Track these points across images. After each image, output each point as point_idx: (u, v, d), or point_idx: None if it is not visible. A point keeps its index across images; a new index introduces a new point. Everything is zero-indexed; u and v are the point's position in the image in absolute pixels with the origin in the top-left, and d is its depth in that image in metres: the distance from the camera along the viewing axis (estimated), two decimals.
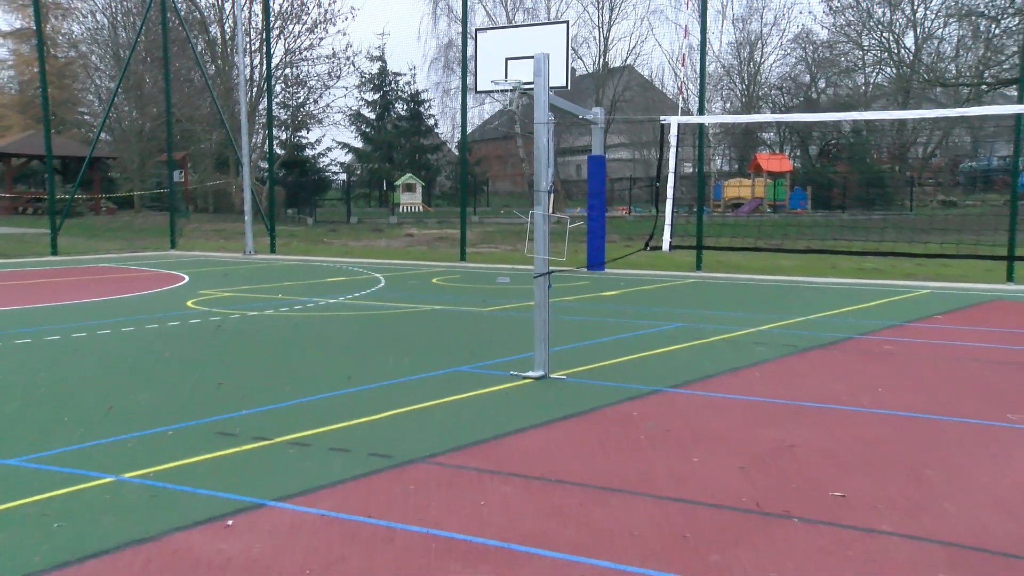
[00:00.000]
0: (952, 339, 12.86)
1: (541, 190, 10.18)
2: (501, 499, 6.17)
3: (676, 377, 10.09)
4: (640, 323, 14.07)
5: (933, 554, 5.30)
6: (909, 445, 7.55)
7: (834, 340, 12.64)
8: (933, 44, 47.68)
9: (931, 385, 9.84)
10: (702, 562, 5.15)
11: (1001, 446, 7.53)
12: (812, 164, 51.56)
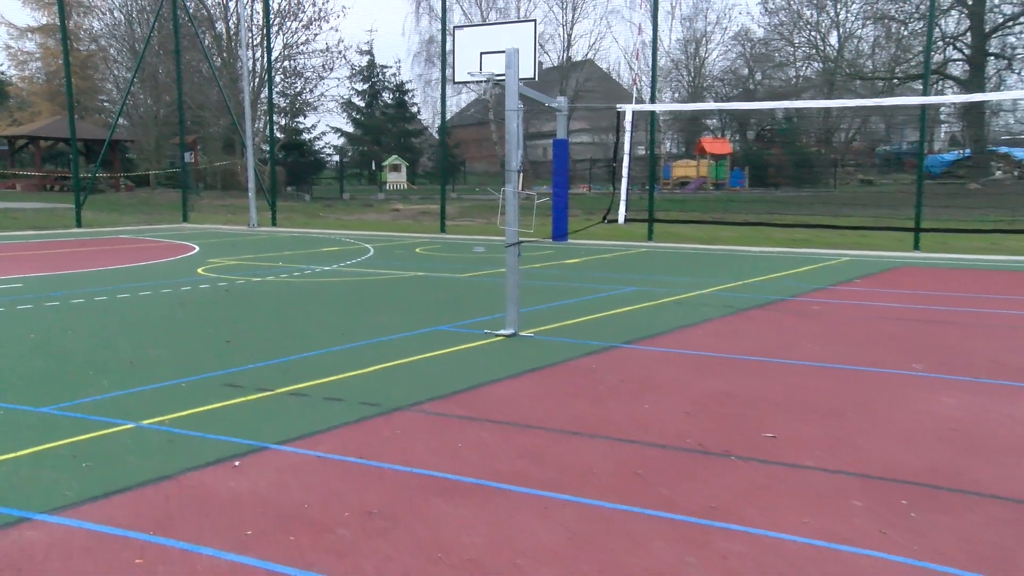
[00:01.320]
0: (869, 300, 12.96)
1: (512, 170, 10.18)
2: (478, 442, 6.20)
3: (630, 334, 10.14)
4: (599, 287, 14.11)
5: (849, 484, 5.38)
6: (832, 391, 7.63)
7: (768, 301, 12.72)
8: (853, 43, 47.92)
9: (851, 339, 9.93)
10: (653, 495, 5.21)
11: (909, 391, 7.62)
12: (750, 147, 51.64)
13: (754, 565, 4.30)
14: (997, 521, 4.87)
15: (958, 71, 42.61)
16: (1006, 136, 46.54)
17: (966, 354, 9.18)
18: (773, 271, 16.45)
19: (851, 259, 18.74)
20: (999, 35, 41.68)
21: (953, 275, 16.21)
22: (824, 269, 16.95)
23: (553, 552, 4.43)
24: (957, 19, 41.56)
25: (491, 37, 14.58)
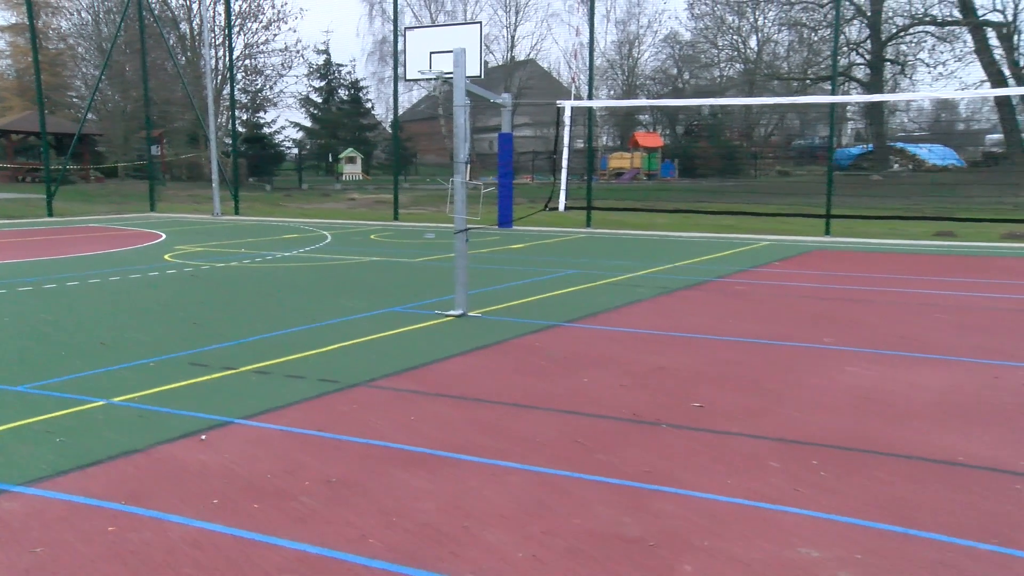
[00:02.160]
0: (787, 280, 13.13)
1: (460, 161, 10.15)
2: (431, 414, 6.20)
3: (571, 313, 10.18)
4: (542, 270, 14.14)
5: (769, 447, 5.47)
6: (754, 364, 7.72)
7: (697, 282, 12.84)
8: (771, 46, 48.49)
9: (771, 316, 10.06)
10: (593, 461, 5.25)
11: (822, 363, 7.74)
12: (679, 141, 51.95)
13: (683, 523, 4.36)
14: (898, 476, 4.98)
15: (861, 74, 43.38)
16: (902, 133, 47.52)
17: (873, 328, 9.34)
18: (701, 254, 16.60)
19: (770, 243, 18.96)
20: (893, 43, 42.62)
21: (859, 257, 16.47)
22: (747, 252, 17.14)
23: (501, 515, 4.45)
24: (859, 28, 42.39)
25: (440, 38, 14.51)
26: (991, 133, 46.24)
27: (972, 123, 49.43)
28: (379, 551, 4.05)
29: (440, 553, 4.03)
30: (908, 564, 3.94)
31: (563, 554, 4.03)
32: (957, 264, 15.26)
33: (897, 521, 4.40)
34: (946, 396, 6.68)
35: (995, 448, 5.50)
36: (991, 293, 11.81)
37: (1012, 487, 4.90)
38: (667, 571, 3.87)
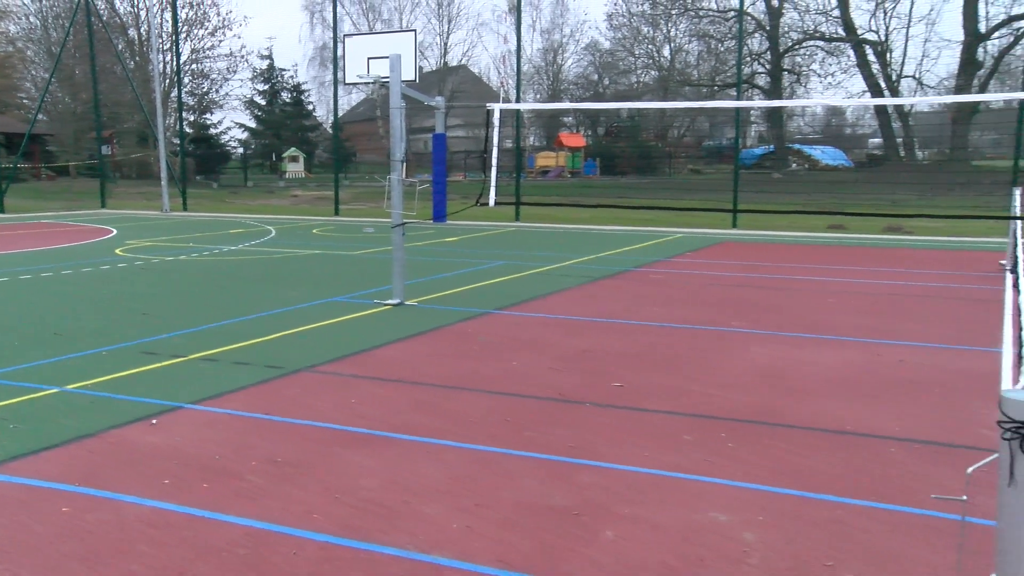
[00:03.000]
0: (699, 269, 13.31)
1: (396, 160, 10.10)
2: (372, 397, 6.16)
3: (501, 301, 10.19)
4: (474, 261, 14.13)
5: (682, 423, 5.55)
6: (670, 346, 7.82)
7: (618, 271, 12.95)
8: (682, 55, 49.02)
9: (685, 302, 10.19)
10: (522, 438, 5.26)
11: (731, 345, 7.87)
12: (600, 141, 52.24)
13: (606, 493, 4.40)
14: (796, 445, 5.09)
15: (762, 82, 44.23)
16: (799, 136, 48.67)
17: (775, 313, 9.52)
18: (621, 246, 16.74)
19: (684, 235, 19.20)
20: (790, 55, 43.68)
21: (763, 248, 16.77)
22: (663, 244, 17.33)
23: (438, 490, 4.44)
24: (760, 41, 43.28)
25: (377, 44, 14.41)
26: (873, 137, 47.57)
27: (857, 128, 50.80)
28: (324, 525, 4.01)
29: (381, 526, 4.01)
30: (803, 523, 4.04)
31: (495, 524, 4.04)
32: (847, 254, 15.63)
33: (794, 485, 4.50)
34: (838, 372, 6.85)
35: (875, 416, 5.66)
36: (874, 280, 12.12)
37: (887, 450, 5.05)
38: (591, 537, 3.90)
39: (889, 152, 42.89)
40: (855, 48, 41.51)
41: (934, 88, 41.09)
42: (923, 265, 13.75)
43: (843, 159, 46.25)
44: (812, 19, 42.39)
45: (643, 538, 3.89)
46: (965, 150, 39.01)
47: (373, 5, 57.50)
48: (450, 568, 3.61)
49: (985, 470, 2.10)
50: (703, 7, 44.14)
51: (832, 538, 3.91)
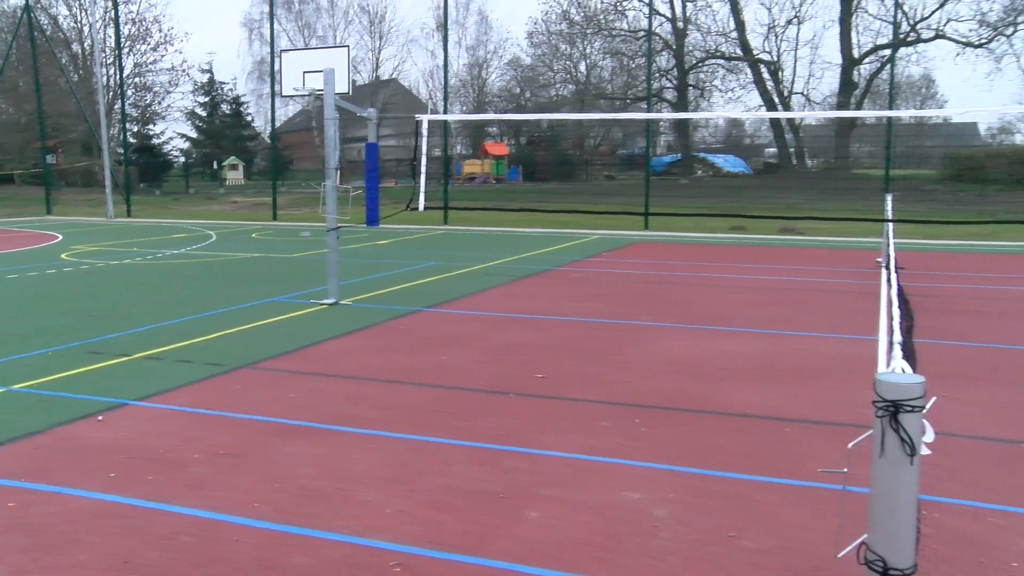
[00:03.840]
0: (615, 268, 13.46)
1: (331, 167, 10.00)
2: (310, 391, 6.09)
3: (432, 299, 10.16)
4: (405, 263, 14.06)
5: (599, 410, 5.61)
6: (588, 339, 7.89)
7: (540, 270, 13.01)
8: (597, 71, 49.47)
9: (604, 298, 10.29)
10: (452, 426, 5.27)
11: (645, 337, 7.98)
12: (523, 149, 52.37)
13: (530, 476, 4.43)
14: (703, 428, 5.20)
15: (670, 96, 44.99)
16: (703, 145, 49.72)
17: (685, 306, 9.68)
18: (543, 247, 16.82)
19: (600, 236, 19.37)
20: (694, 72, 44.58)
21: (673, 248, 17.02)
22: (581, 245, 17.47)
23: (373, 477, 4.42)
24: (667, 58, 44.03)
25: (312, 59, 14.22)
26: (769, 147, 48.84)
27: (755, 138, 52.08)
28: (265, 513, 3.96)
29: (319, 512, 3.97)
30: (709, 498, 4.13)
31: (427, 507, 4.03)
32: (747, 252, 15.97)
33: (701, 464, 4.59)
34: (741, 361, 7.00)
35: (773, 400, 5.81)
36: (771, 276, 12.42)
37: (783, 430, 5.20)
38: (516, 517, 3.92)
39: (783, 161, 44.13)
40: (751, 67, 42.66)
41: (820, 104, 42.43)
42: (813, 262, 14.13)
43: (743, 167, 47.25)
44: (713, 40, 43.50)
45: (564, 517, 3.93)
46: (847, 160, 40.36)
47: (308, 23, 56.59)
48: (385, 549, 3.60)
49: (863, 444, 2.18)
50: (616, 27, 44.73)
51: (734, 511, 4.00)
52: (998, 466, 4.61)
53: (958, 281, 11.75)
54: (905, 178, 31.91)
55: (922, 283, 11.25)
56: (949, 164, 34.04)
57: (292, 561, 3.49)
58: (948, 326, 8.46)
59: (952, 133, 48.12)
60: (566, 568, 3.44)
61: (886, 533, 2.10)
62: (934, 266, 13.37)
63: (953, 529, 3.80)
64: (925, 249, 15.94)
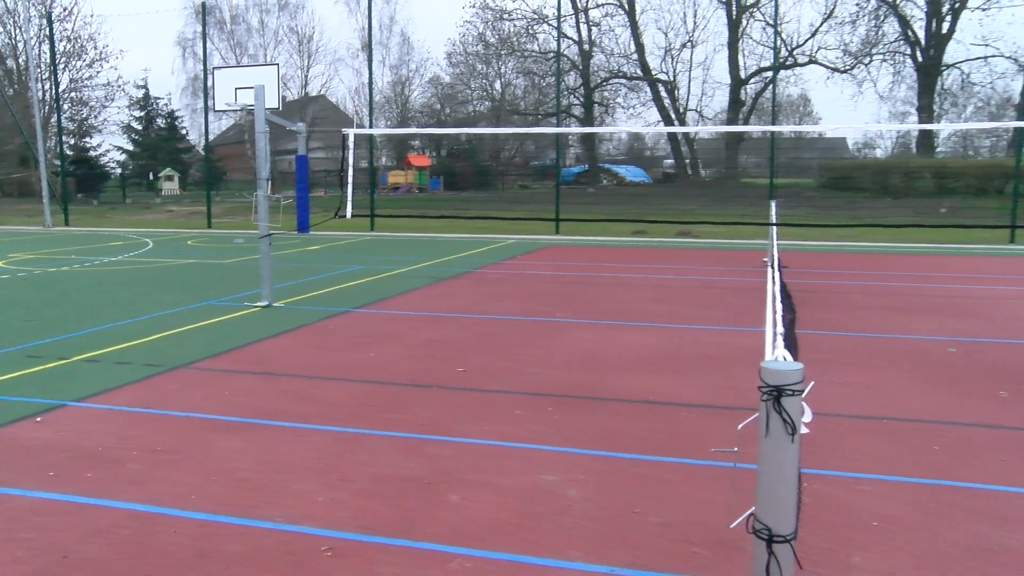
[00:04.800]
0: (529, 269, 13.53)
1: (262, 178, 9.78)
2: (244, 388, 5.95)
3: (360, 300, 10.04)
4: (334, 267, 13.85)
5: (516, 400, 5.63)
6: (505, 335, 7.91)
7: (461, 272, 12.98)
8: (511, 88, 49.70)
9: (519, 297, 10.33)
10: (379, 419, 5.21)
11: (557, 332, 8.04)
12: (443, 161, 52.18)
13: (453, 463, 4.41)
14: (610, 414, 5.27)
15: (578, 112, 45.54)
16: (608, 157, 50.58)
17: (593, 304, 9.79)
18: (463, 251, 16.78)
19: (516, 241, 19.43)
20: (599, 90, 45.27)
21: (581, 251, 17.20)
22: (498, 249, 17.49)
23: (305, 468, 4.34)
24: (575, 77, 44.56)
25: (243, 76, 13.93)
26: (667, 159, 49.92)
27: (655, 151, 53.21)
28: (202, 505, 3.85)
29: (255, 503, 3.88)
30: (616, 478, 4.19)
31: (356, 495, 3.98)
32: (648, 254, 16.25)
33: (609, 447, 4.66)
34: (643, 353, 7.12)
35: (672, 387, 5.93)
36: (670, 275, 12.67)
37: (681, 414, 5.31)
38: (440, 501, 3.91)
39: (679, 171, 45.21)
40: (650, 86, 43.57)
41: (711, 120, 43.64)
42: (707, 262, 14.47)
43: (644, 176, 48.12)
44: (616, 61, 44.30)
45: (485, 500, 3.93)
46: (736, 170, 41.57)
47: (240, 42, 55.20)
48: (319, 536, 3.54)
49: (751, 426, 2.24)
50: (528, 49, 45.09)
51: (639, 489, 4.07)
52: (867, 440, 4.81)
53: (833, 278, 12.20)
54: (786, 186, 33.00)
55: (803, 280, 11.64)
56: (824, 174, 35.35)
57: (228, 549, 3.40)
58: (825, 318, 8.78)
59: (826, 147, 50.03)
60: (487, 547, 3.45)
61: (771, 504, 2.16)
62: (813, 264, 13.86)
63: (828, 497, 3.95)
64: (805, 249, 16.50)
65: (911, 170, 31.68)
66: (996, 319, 8.75)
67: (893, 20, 37.84)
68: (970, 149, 43.03)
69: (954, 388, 5.97)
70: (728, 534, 3.48)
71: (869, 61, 38.29)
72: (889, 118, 40.51)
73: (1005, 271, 13.09)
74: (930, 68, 37.59)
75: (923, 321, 8.64)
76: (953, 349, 7.25)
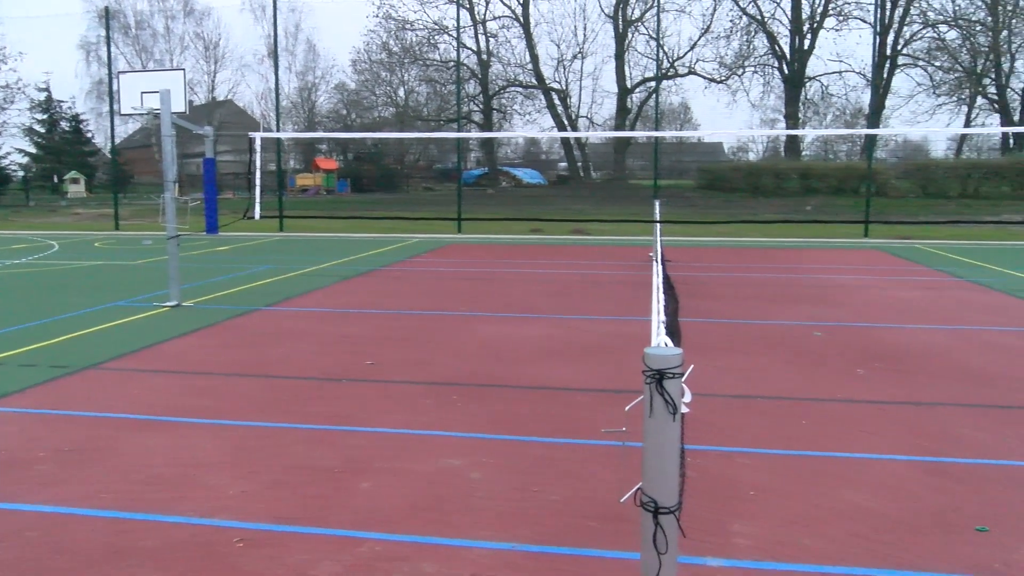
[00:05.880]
0: (433, 267, 13.46)
1: (169, 180, 9.39)
2: (154, 387, 5.71)
3: (269, 299, 9.77)
4: (243, 267, 13.42)
5: (422, 390, 5.61)
6: (410, 329, 7.86)
7: (367, 270, 12.80)
8: (414, 95, 49.30)
9: (423, 293, 10.27)
10: (290, 412, 5.10)
11: (459, 325, 8.04)
12: (351, 164, 51.28)
13: (362, 452, 4.36)
14: (511, 400, 5.32)
15: (478, 118, 45.65)
16: (506, 160, 50.93)
17: (493, 298, 9.84)
18: (370, 250, 16.55)
19: (420, 240, 19.29)
20: (497, 97, 45.48)
21: (482, 248, 17.23)
22: (403, 247, 17.32)
23: (217, 462, 4.21)
24: (474, 85, 44.64)
25: (150, 80, 13.29)
26: (561, 162, 50.65)
27: (549, 154, 53.90)
28: (114, 502, 3.68)
29: (167, 497, 3.74)
30: (518, 460, 4.23)
31: (268, 486, 3.89)
32: (545, 251, 16.43)
33: (510, 431, 4.70)
34: (541, 343, 7.21)
35: (567, 374, 6.04)
36: (566, 270, 12.86)
37: (576, 398, 5.41)
38: (351, 489, 3.86)
39: (573, 173, 45.94)
40: (545, 94, 44.11)
41: (601, 126, 44.57)
42: (598, 258, 14.75)
43: (540, 178, 48.63)
44: (512, 71, 44.68)
45: (394, 486, 3.91)
46: (624, 172, 42.58)
47: (146, 47, 52.68)
48: (231, 528, 3.44)
49: (637, 407, 2.31)
50: (429, 58, 44.84)
51: (539, 469, 4.13)
52: (743, 417, 5.02)
53: (712, 270, 12.65)
54: (670, 187, 33.98)
55: (685, 273, 12.02)
56: (702, 176, 36.56)
57: (141, 545, 3.26)
58: (705, 307, 9.10)
59: (704, 151, 51.82)
60: (396, 530, 3.43)
61: (656, 479, 2.24)
62: (694, 259, 14.33)
63: (709, 470, 4.10)
64: (686, 245, 17.04)
65: (780, 172, 33.15)
66: (853, 305, 9.28)
67: (762, 36, 39.51)
68: (830, 153, 45.42)
69: (818, 368, 6.30)
70: (619, 508, 3.57)
71: (742, 73, 39.87)
72: (760, 124, 42.29)
73: (861, 262, 13.88)
74: (795, 80, 39.42)
75: (791, 308, 9.07)
76: (818, 333, 7.64)
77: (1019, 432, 4.74)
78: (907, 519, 3.54)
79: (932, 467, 4.17)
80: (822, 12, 38.68)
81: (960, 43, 37.94)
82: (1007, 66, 38.61)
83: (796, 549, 3.27)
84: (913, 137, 47.26)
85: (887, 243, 17.53)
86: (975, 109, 40.37)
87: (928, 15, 37.68)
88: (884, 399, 5.42)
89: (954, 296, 9.98)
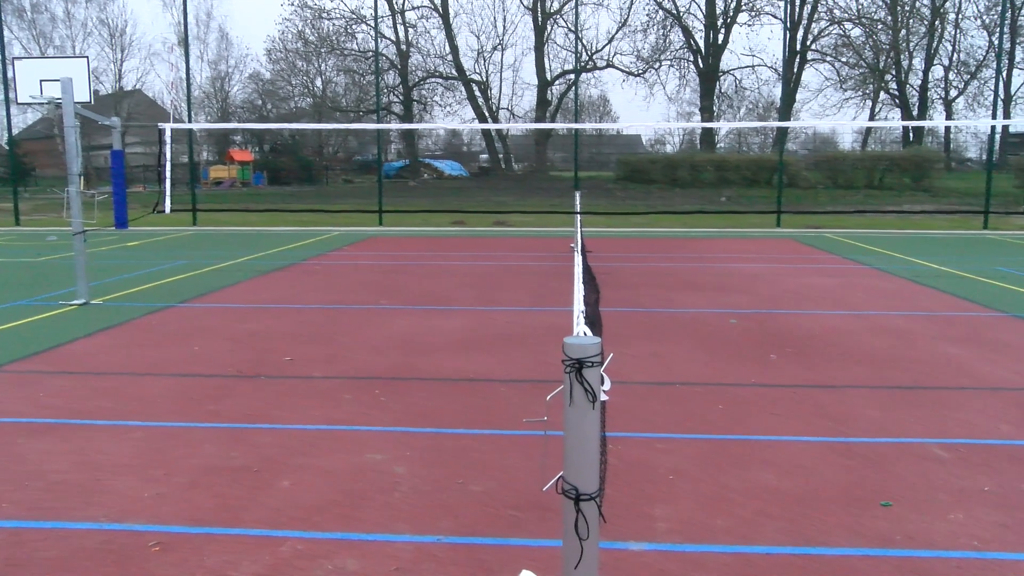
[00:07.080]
0: (352, 260, 13.27)
1: (73, 173, 8.96)
2: (59, 389, 5.44)
3: (183, 295, 9.45)
4: (155, 262, 12.93)
5: (341, 384, 5.54)
6: (328, 323, 7.73)
7: (286, 265, 12.51)
8: (332, 86, 48.43)
9: (341, 287, 10.11)
10: (203, 411, 4.95)
11: (378, 319, 7.96)
12: (267, 156, 49.98)
13: (281, 449, 4.28)
14: (431, 393, 5.30)
15: (398, 109, 45.19)
16: (428, 152, 50.64)
17: (411, 291, 9.76)
18: (287, 244, 16.18)
19: (340, 233, 18.98)
20: (417, 89, 45.16)
21: (403, 241, 17.09)
22: (323, 241, 17.01)
23: (127, 464, 4.05)
24: (393, 76, 44.18)
25: (50, 68, 12.67)
26: (482, 153, 50.67)
27: (471, 146, 53.84)
28: (13, 512, 3.49)
29: (74, 504, 3.58)
30: (439, 453, 4.22)
31: (183, 488, 3.77)
32: (466, 243, 16.41)
33: (431, 424, 4.68)
34: (459, 334, 7.21)
35: (487, 365, 6.06)
36: (487, 262, 12.88)
37: (497, 390, 5.43)
38: (270, 488, 3.78)
39: (494, 165, 45.98)
40: (465, 85, 43.93)
41: (521, 118, 44.73)
42: (520, 249, 14.83)
43: (461, 170, 48.51)
44: (432, 62, 44.33)
45: (314, 483, 3.84)
46: (545, 164, 42.88)
47: (44, 32, 49.96)
48: (145, 532, 3.31)
49: (558, 397, 2.33)
50: (347, 48, 44.05)
51: (461, 461, 4.13)
52: (661, 404, 5.13)
53: (632, 260, 12.88)
54: (590, 179, 34.45)
55: (605, 263, 12.20)
56: (621, 168, 37.15)
57: (44, 555, 3.11)
58: (625, 296, 9.26)
59: (623, 143, 52.69)
60: (318, 528, 3.37)
61: (577, 467, 2.26)
62: (614, 249, 14.56)
63: (629, 456, 4.18)
64: (607, 236, 17.29)
65: (696, 164, 33.97)
66: (766, 293, 9.60)
67: (678, 30, 40.37)
68: (744, 145, 46.87)
69: (733, 354, 6.50)
70: (541, 496, 3.60)
71: (659, 66, 40.68)
72: (677, 117, 43.28)
73: (774, 251, 14.37)
74: (709, 74, 40.44)
75: (707, 296, 9.32)
76: (734, 320, 7.88)
77: (918, 412, 5.01)
78: (815, 497, 3.70)
79: (838, 447, 4.36)
80: (735, 7, 39.79)
81: (864, 40, 39.69)
82: (906, 63, 40.66)
83: (712, 530, 3.37)
84: (822, 130, 49.28)
85: (798, 232, 18.21)
86: (879, 104, 42.39)
87: (834, 12, 39.27)
88: (794, 383, 5.64)
89: (860, 283, 10.45)
